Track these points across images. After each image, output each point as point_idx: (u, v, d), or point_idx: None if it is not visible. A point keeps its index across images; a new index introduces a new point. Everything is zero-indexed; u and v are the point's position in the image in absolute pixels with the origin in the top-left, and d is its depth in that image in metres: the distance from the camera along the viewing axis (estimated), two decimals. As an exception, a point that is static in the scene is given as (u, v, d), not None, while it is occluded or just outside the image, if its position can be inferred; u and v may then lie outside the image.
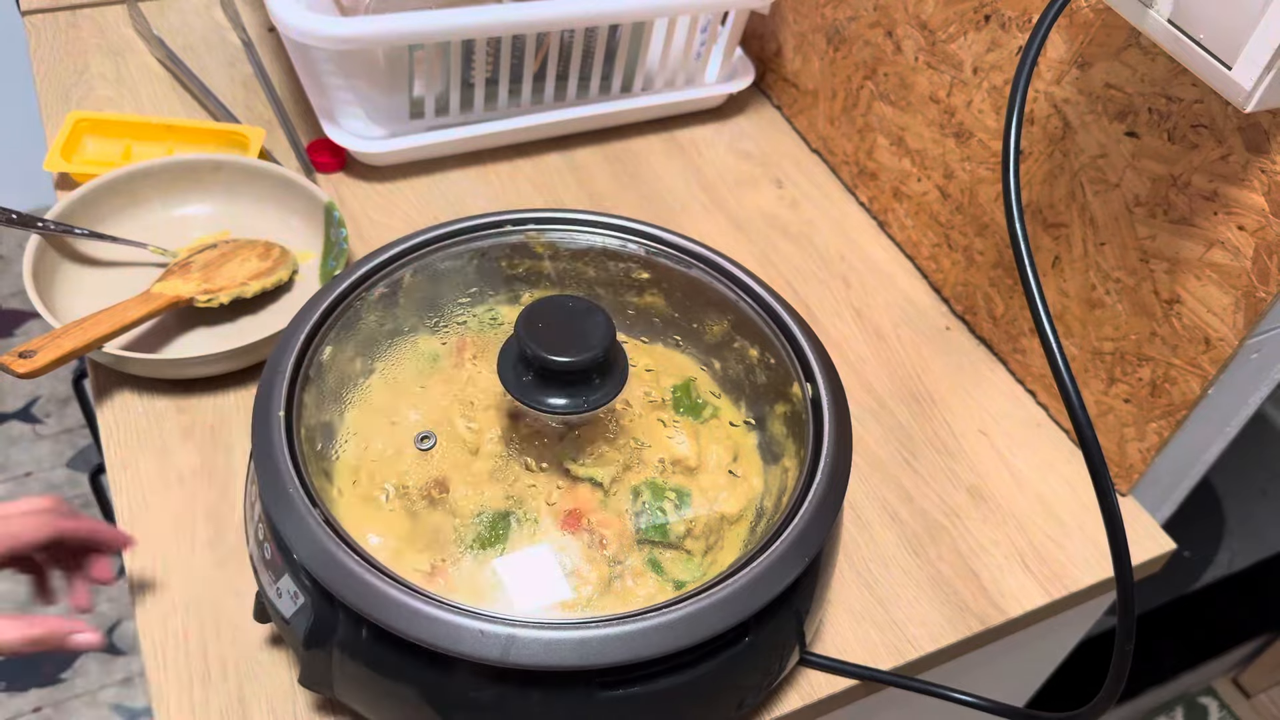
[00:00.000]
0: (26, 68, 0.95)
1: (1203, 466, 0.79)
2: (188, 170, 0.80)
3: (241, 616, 0.61)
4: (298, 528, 0.49)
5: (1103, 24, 0.66)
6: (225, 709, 0.57)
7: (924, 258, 0.89)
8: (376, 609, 0.47)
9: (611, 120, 0.96)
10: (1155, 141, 0.65)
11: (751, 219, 0.92)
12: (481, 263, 0.67)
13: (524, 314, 0.54)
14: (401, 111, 0.88)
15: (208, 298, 0.71)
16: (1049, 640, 0.82)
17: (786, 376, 0.62)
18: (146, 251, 0.78)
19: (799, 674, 0.63)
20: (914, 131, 0.86)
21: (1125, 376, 0.72)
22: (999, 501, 0.74)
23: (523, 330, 0.53)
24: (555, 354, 0.53)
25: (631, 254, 0.68)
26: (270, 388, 0.55)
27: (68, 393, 1.74)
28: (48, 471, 1.65)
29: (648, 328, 0.71)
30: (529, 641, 0.46)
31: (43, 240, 0.73)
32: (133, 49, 0.97)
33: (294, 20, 0.77)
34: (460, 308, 0.67)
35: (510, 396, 0.55)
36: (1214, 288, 0.64)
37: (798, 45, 0.98)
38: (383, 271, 0.63)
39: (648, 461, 0.60)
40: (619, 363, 0.57)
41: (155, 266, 0.78)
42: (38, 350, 0.60)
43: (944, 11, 0.79)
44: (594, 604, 0.54)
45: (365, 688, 0.52)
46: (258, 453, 0.53)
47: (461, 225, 0.65)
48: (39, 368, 0.59)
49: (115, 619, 1.50)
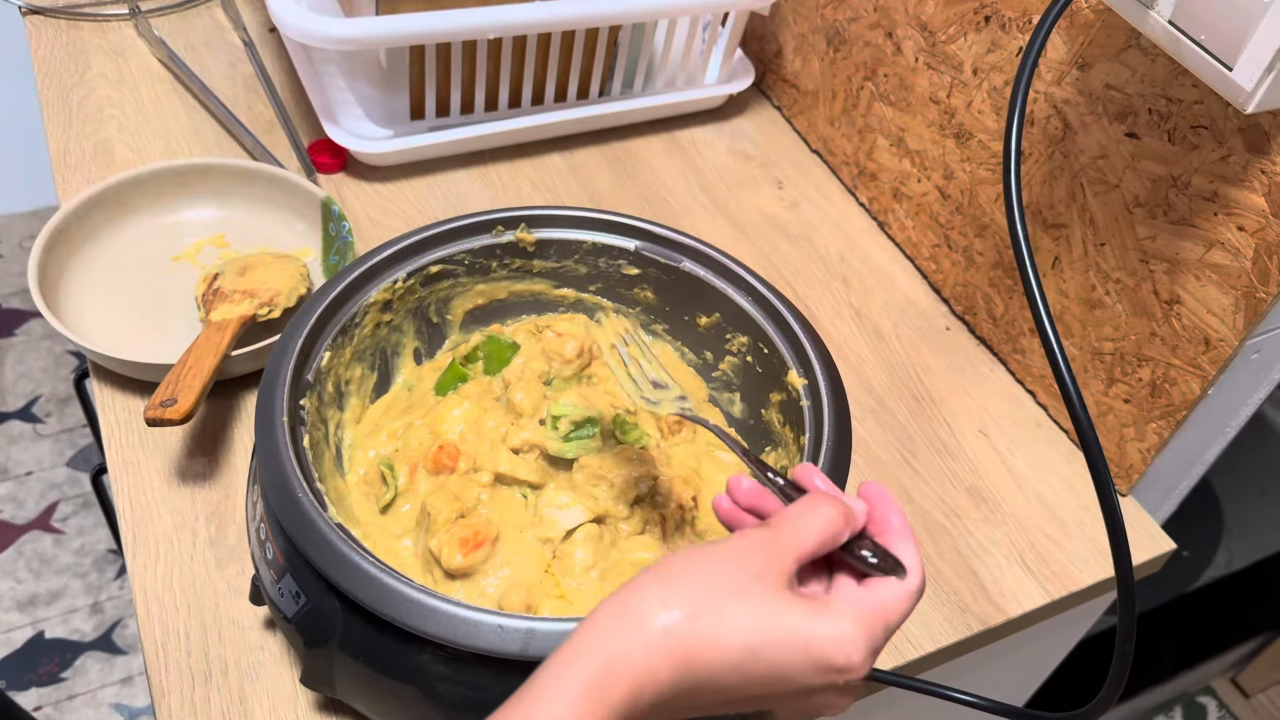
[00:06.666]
0: (28, 68, 0.95)
1: (1202, 467, 0.79)
2: (175, 176, 0.81)
3: (243, 615, 0.61)
4: (308, 529, 0.49)
5: (1103, 25, 0.67)
6: (227, 708, 0.57)
7: (924, 258, 0.89)
8: (393, 608, 0.47)
9: (612, 121, 0.96)
10: (1155, 142, 0.65)
11: (752, 219, 0.92)
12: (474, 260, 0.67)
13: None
14: (402, 112, 0.88)
15: (267, 310, 0.72)
16: (1049, 640, 0.82)
17: (783, 367, 0.62)
18: (144, 253, 0.78)
19: (799, 674, 0.63)
20: (914, 132, 0.86)
21: (1125, 377, 0.72)
22: (999, 501, 0.74)
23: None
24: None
25: (624, 249, 0.68)
26: (272, 387, 0.55)
27: (68, 392, 1.74)
28: (48, 471, 1.65)
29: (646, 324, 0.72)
30: (548, 634, 0.47)
31: (47, 241, 0.73)
32: (134, 49, 0.97)
33: (295, 21, 0.77)
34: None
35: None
36: (1214, 288, 0.65)
37: (798, 46, 0.98)
38: (382, 272, 0.63)
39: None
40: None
41: (156, 268, 0.78)
42: (176, 398, 0.63)
43: (944, 13, 0.79)
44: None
45: (367, 687, 0.52)
46: (262, 454, 0.53)
47: (457, 225, 0.65)
48: (187, 411, 0.62)
49: (116, 618, 1.51)
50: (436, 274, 0.65)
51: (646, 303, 0.70)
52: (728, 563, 0.40)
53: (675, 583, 0.40)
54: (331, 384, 0.61)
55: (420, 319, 0.68)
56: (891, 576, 0.42)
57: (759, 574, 0.40)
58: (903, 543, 0.44)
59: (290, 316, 0.71)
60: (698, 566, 0.40)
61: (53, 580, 1.53)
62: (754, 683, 0.39)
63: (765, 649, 0.39)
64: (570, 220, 0.67)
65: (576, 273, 0.69)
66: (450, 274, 0.66)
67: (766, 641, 0.39)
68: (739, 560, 0.40)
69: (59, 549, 1.57)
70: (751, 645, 0.38)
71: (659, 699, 0.38)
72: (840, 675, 0.40)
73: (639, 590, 0.40)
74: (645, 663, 0.38)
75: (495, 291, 0.69)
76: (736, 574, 0.40)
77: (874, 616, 0.41)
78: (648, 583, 0.40)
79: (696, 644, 0.38)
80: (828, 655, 0.39)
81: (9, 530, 1.58)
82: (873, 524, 0.45)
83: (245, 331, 0.70)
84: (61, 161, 0.86)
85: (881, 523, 0.45)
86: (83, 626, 1.49)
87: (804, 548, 0.41)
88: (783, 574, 0.40)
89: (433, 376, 0.67)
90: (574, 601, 0.56)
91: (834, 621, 0.40)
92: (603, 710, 0.37)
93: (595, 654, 0.38)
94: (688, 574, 0.40)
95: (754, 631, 0.39)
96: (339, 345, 0.61)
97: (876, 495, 0.46)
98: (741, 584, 0.39)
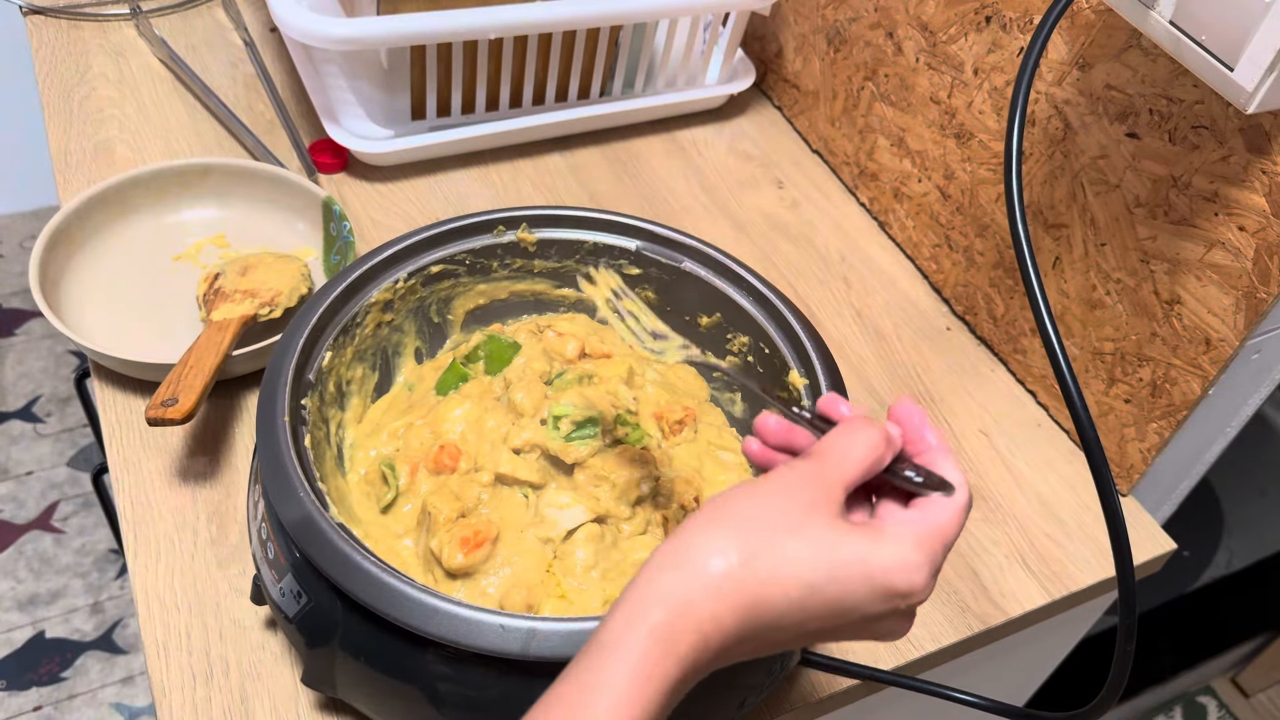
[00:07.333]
0: (28, 68, 0.95)
1: (1203, 466, 0.79)
2: (177, 176, 0.81)
3: (244, 615, 0.61)
4: (310, 529, 0.49)
5: (1104, 25, 0.67)
6: (228, 708, 0.58)
7: (924, 258, 0.89)
8: (394, 608, 0.47)
9: (612, 121, 0.96)
10: (1156, 142, 0.65)
11: (752, 219, 0.92)
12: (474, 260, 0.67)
13: None
14: (403, 112, 0.88)
15: (268, 310, 0.72)
16: (1049, 640, 0.82)
17: (784, 367, 0.63)
18: (145, 253, 0.78)
19: (799, 673, 0.63)
20: (915, 132, 0.86)
21: (1126, 377, 0.73)
22: (999, 501, 0.74)
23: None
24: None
25: (625, 249, 0.68)
26: (274, 387, 0.55)
27: (68, 392, 1.74)
28: (49, 470, 1.65)
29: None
30: (549, 634, 0.47)
31: (48, 240, 0.73)
32: (135, 49, 0.97)
33: (296, 20, 0.77)
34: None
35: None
36: (1214, 288, 0.65)
37: (798, 46, 0.98)
38: (383, 272, 0.63)
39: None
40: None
41: (157, 268, 0.79)
42: (177, 397, 0.63)
43: (945, 13, 0.79)
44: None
45: (368, 687, 0.52)
46: (263, 453, 0.53)
47: (458, 225, 0.65)
48: (189, 410, 0.62)
49: (117, 618, 1.51)
50: (438, 274, 0.66)
51: (648, 302, 0.70)
52: (779, 498, 0.39)
53: (729, 524, 0.39)
54: (333, 383, 0.61)
55: (421, 319, 0.68)
56: (940, 494, 0.41)
57: (811, 506, 0.39)
58: (944, 459, 0.43)
59: (291, 316, 0.71)
60: (749, 505, 0.39)
61: (53, 580, 1.53)
62: (817, 617, 0.39)
63: (828, 583, 0.38)
64: (571, 220, 0.67)
65: (578, 272, 0.69)
66: (451, 274, 0.66)
67: (829, 576, 0.38)
68: (789, 494, 0.39)
69: (59, 549, 1.57)
70: (814, 581, 0.38)
71: (724, 645, 0.38)
72: (904, 600, 0.39)
73: (693, 536, 0.39)
74: (709, 610, 0.37)
75: (496, 291, 0.69)
76: (789, 509, 0.39)
77: (932, 537, 0.40)
78: (701, 528, 0.39)
79: (759, 587, 0.37)
80: (890, 582, 0.39)
81: (9, 530, 1.58)
82: (910, 444, 0.44)
83: (246, 331, 0.70)
84: (62, 161, 0.86)
85: (919, 442, 0.44)
86: (83, 626, 1.49)
87: (850, 475, 0.41)
88: (834, 504, 0.40)
89: (434, 376, 0.67)
90: (575, 601, 0.56)
91: (894, 547, 0.39)
92: (670, 662, 0.36)
93: (658, 607, 0.37)
94: (740, 514, 0.39)
95: (815, 566, 0.38)
96: (340, 345, 0.61)
97: (909, 414, 0.44)
98: (795, 519, 0.39)
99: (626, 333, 0.54)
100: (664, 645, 0.36)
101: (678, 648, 0.36)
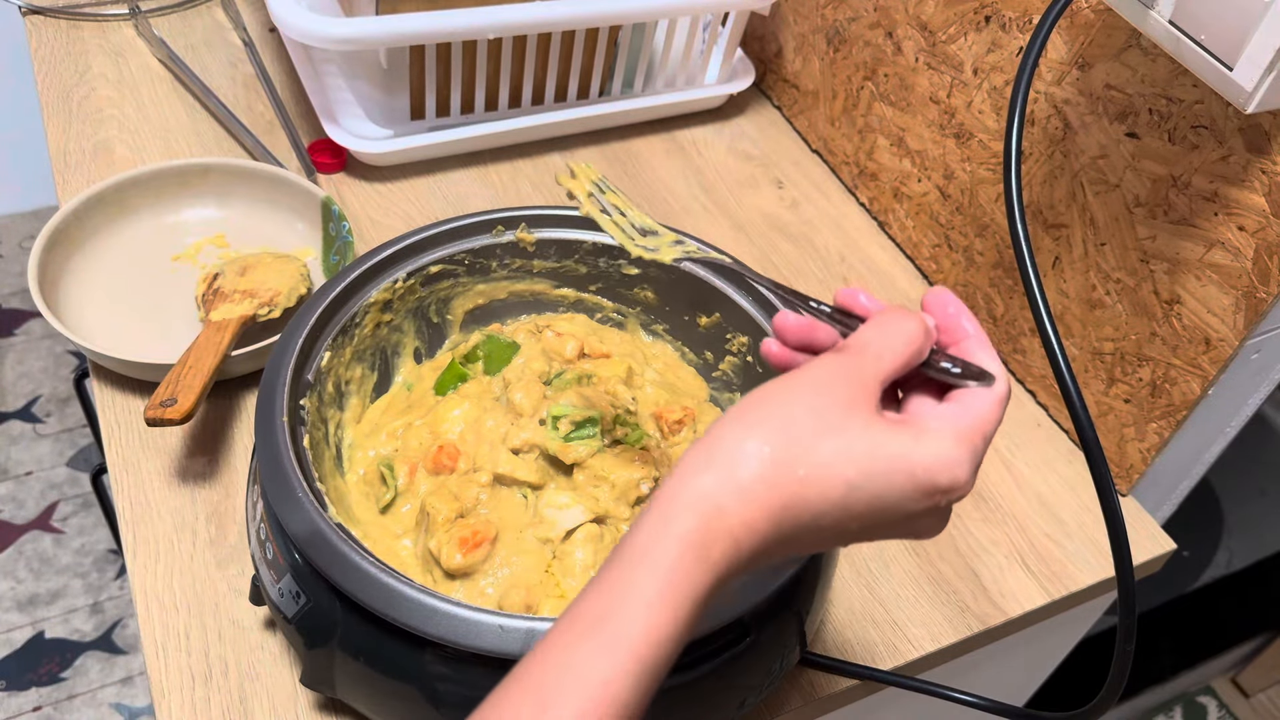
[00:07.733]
0: (28, 68, 0.95)
1: (1203, 466, 0.79)
2: (176, 176, 0.81)
3: (243, 615, 0.61)
4: (308, 529, 0.49)
5: (1103, 25, 0.67)
6: (227, 708, 0.58)
7: (924, 258, 0.89)
8: (393, 608, 0.47)
9: (612, 121, 0.96)
10: (1155, 142, 0.65)
11: (752, 219, 0.92)
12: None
13: None
14: (402, 112, 0.88)
15: (267, 310, 0.72)
16: (1049, 640, 0.82)
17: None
18: (144, 253, 0.78)
19: (799, 673, 0.63)
20: (914, 132, 0.86)
21: (1125, 377, 0.72)
22: (999, 501, 0.74)
23: None
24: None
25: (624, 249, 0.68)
26: (273, 387, 0.55)
27: (68, 392, 1.74)
28: (48, 471, 1.65)
29: (645, 321, 0.72)
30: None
31: (47, 241, 0.73)
32: (134, 49, 0.97)
33: (295, 20, 0.77)
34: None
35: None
36: (1214, 288, 0.65)
37: (798, 46, 0.98)
38: (382, 272, 0.63)
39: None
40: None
41: (156, 268, 0.79)
42: (176, 397, 0.63)
43: (944, 12, 0.79)
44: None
45: (367, 687, 0.52)
46: (262, 453, 0.53)
47: (457, 225, 0.65)
48: (187, 410, 0.62)
49: (116, 618, 1.51)
50: (436, 274, 0.66)
51: (647, 303, 0.70)
52: (812, 394, 0.37)
53: (762, 424, 0.37)
54: (331, 384, 0.61)
55: (420, 319, 0.68)
56: (979, 384, 0.40)
57: (848, 403, 0.37)
58: (981, 349, 0.41)
59: (290, 316, 0.71)
60: (781, 403, 0.37)
61: (53, 580, 1.53)
62: (855, 517, 0.37)
63: (868, 482, 0.37)
64: (570, 220, 0.67)
65: (577, 272, 0.69)
66: (450, 274, 0.66)
67: (868, 475, 0.37)
68: (824, 391, 0.38)
69: (59, 549, 1.57)
70: (853, 481, 0.36)
71: (758, 550, 0.36)
72: (945, 496, 0.38)
73: (725, 437, 0.37)
74: (742, 515, 0.35)
75: (495, 291, 0.69)
76: (826, 406, 0.37)
77: (973, 431, 0.39)
78: (732, 429, 0.37)
79: (799, 487, 0.36)
80: (932, 479, 0.37)
81: (9, 530, 1.58)
82: (945, 333, 0.42)
83: (245, 331, 0.70)
84: (61, 161, 0.86)
85: (955, 330, 0.42)
86: (83, 626, 1.49)
87: (888, 368, 0.39)
88: (871, 400, 0.38)
89: (432, 376, 0.67)
90: (574, 601, 0.56)
91: (935, 443, 0.38)
92: (702, 569, 0.35)
93: (689, 512, 0.35)
94: (773, 413, 0.37)
95: (854, 466, 0.36)
96: (339, 345, 0.61)
97: (944, 302, 0.42)
98: (831, 417, 0.37)
99: (614, 229, 0.51)
100: (696, 551, 0.35)
101: (709, 554, 0.35)
